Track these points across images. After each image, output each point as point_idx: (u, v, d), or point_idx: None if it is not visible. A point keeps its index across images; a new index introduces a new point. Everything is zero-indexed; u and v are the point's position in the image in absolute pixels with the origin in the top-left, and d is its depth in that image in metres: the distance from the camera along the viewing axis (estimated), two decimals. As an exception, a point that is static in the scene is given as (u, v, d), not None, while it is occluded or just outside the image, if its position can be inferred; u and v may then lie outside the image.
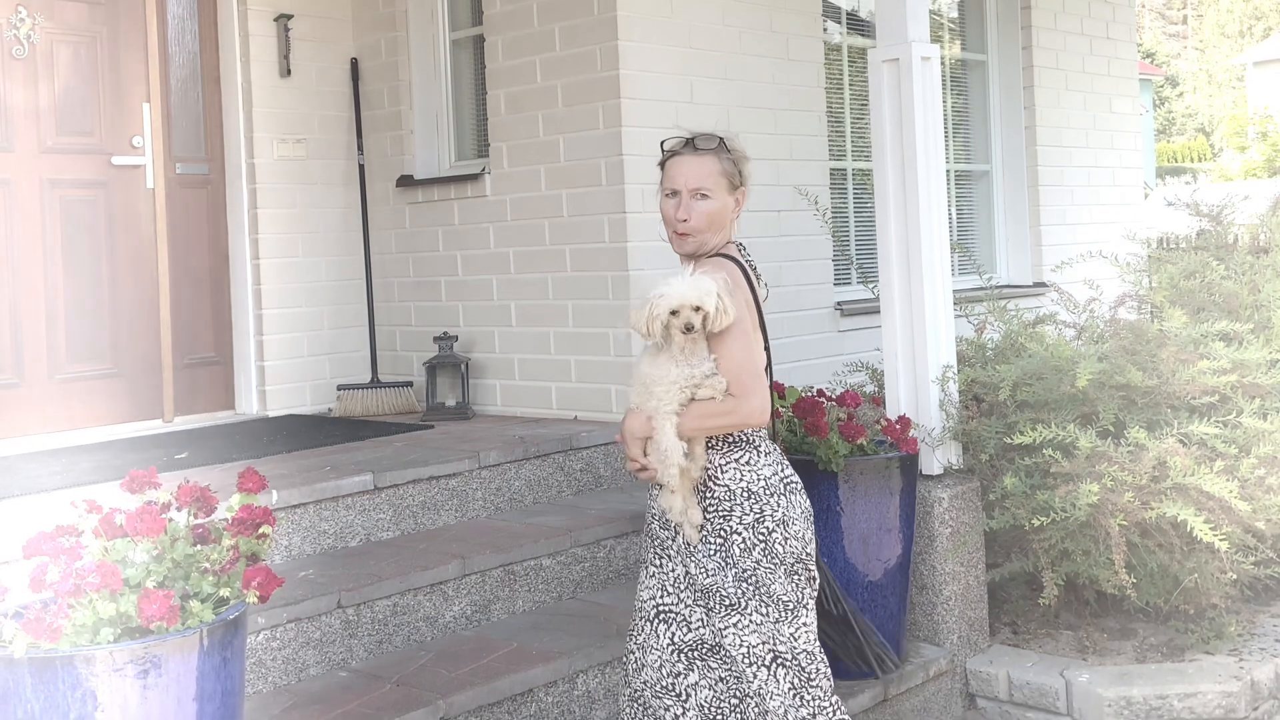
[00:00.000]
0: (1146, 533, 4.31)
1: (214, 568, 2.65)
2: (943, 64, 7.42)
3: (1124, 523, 4.14)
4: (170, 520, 2.67)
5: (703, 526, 3.08)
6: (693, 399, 3.01)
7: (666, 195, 3.19)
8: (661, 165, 3.24)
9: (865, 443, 4.25)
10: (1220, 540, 4.03)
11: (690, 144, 3.19)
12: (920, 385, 4.65)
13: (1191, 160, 40.25)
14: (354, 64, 6.61)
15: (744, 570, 3.04)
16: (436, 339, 6.11)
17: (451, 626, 4.14)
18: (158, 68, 6.05)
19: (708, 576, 3.07)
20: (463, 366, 6.06)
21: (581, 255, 5.70)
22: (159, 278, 6.03)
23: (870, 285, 5.71)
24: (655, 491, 3.15)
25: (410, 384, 6.35)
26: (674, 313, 2.95)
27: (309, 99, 6.43)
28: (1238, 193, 5.81)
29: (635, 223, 5.52)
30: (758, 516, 3.07)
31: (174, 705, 2.51)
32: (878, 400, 4.74)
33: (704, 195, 3.14)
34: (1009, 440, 4.41)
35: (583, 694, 3.92)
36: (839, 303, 6.50)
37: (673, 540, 3.14)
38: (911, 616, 4.56)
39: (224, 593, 2.64)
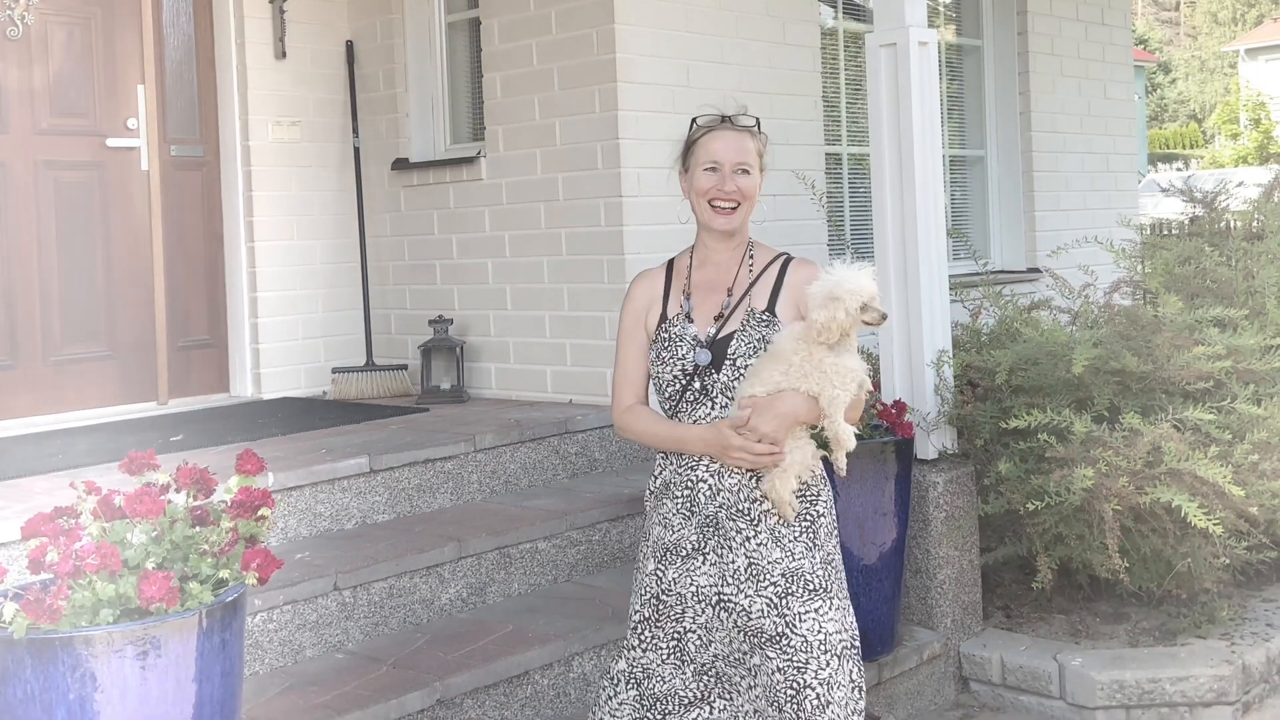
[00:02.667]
0: (1140, 517, 4.32)
1: (213, 549, 2.65)
2: (938, 49, 7.40)
3: (1118, 507, 4.15)
4: (169, 502, 2.67)
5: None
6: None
7: (706, 170, 3.10)
8: (692, 142, 3.16)
9: (860, 427, 4.25)
10: (1213, 525, 4.05)
11: (728, 120, 3.14)
12: (916, 370, 4.66)
13: (1183, 147, 40.29)
14: (349, 46, 6.59)
15: (828, 554, 3.04)
16: (431, 322, 6.10)
17: (448, 609, 4.15)
18: (152, 50, 6.03)
19: (794, 560, 2.99)
20: (458, 350, 6.05)
21: (577, 239, 5.69)
22: (153, 260, 6.02)
23: (866, 270, 5.70)
24: (738, 478, 3.04)
25: (405, 367, 6.35)
26: (862, 307, 2.96)
27: (304, 81, 6.41)
28: (1231, 179, 5.82)
29: (631, 206, 5.51)
30: (829, 503, 3.10)
31: (173, 686, 2.52)
32: (873, 385, 4.74)
33: (745, 171, 3.11)
34: (1004, 425, 4.41)
35: (578, 676, 3.93)
36: (834, 288, 6.49)
37: (739, 531, 3.03)
38: (905, 600, 4.58)
39: (223, 574, 2.64)
